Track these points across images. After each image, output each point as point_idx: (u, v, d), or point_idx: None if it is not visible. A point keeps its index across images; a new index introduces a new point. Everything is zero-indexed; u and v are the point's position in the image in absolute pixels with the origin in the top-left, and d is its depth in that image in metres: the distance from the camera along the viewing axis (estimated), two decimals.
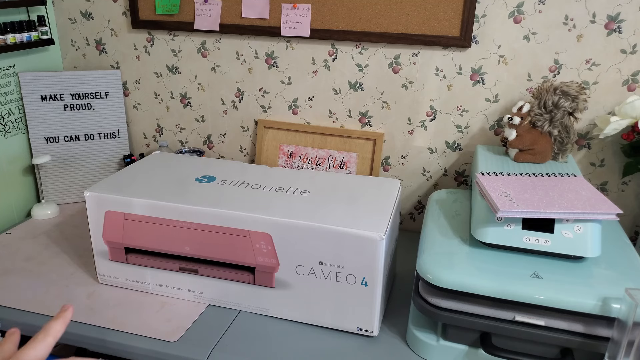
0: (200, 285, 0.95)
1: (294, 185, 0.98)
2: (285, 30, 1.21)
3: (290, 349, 0.86)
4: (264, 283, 0.90)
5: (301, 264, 0.86)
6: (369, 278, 0.83)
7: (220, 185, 0.97)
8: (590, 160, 1.12)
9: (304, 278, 0.87)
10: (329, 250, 0.83)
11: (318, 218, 0.85)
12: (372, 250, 0.81)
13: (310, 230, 0.83)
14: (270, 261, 0.88)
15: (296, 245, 0.85)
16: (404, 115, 1.21)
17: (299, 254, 0.85)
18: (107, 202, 0.94)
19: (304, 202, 0.91)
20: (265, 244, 0.87)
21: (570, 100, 0.97)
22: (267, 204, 0.90)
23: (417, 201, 1.28)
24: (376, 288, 0.84)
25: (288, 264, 0.87)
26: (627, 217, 1.12)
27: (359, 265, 0.83)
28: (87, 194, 0.94)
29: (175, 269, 0.95)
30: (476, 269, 0.79)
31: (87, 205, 0.95)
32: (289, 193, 0.95)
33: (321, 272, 0.85)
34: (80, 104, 1.35)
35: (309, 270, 0.86)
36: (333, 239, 0.83)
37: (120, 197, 0.93)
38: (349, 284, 0.85)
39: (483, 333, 0.79)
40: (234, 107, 1.35)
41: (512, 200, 0.80)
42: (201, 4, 1.25)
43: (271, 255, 0.87)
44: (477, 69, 1.12)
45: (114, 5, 1.34)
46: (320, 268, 0.85)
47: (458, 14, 1.08)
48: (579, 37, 1.04)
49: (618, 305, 0.70)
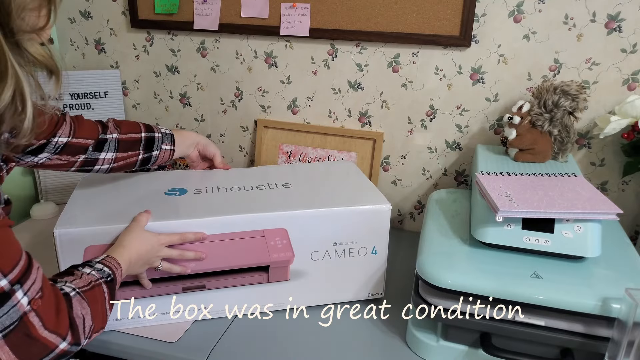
0: (209, 299, 0.90)
1: (269, 180, 1.00)
2: (284, 29, 1.20)
3: (291, 347, 0.86)
4: (279, 278, 0.91)
5: (316, 250, 0.90)
6: (379, 246, 0.92)
7: (199, 195, 0.93)
8: (591, 159, 1.12)
9: (319, 263, 0.91)
10: (343, 229, 0.90)
11: (327, 203, 0.90)
12: (381, 220, 0.91)
13: (326, 215, 0.88)
14: (285, 255, 0.89)
15: (311, 233, 0.89)
16: (404, 115, 1.21)
17: (314, 240, 0.89)
18: (85, 237, 0.81)
19: (297, 193, 0.94)
20: (281, 239, 0.88)
21: (570, 100, 0.97)
22: (267, 200, 0.91)
23: (417, 201, 1.28)
24: (384, 253, 0.93)
25: (303, 253, 0.90)
26: (627, 216, 1.12)
27: (369, 237, 0.91)
28: (57, 232, 0.80)
29: (178, 290, 0.88)
30: (476, 269, 0.79)
31: (58, 246, 0.81)
32: (274, 188, 0.96)
33: (335, 252, 0.91)
34: (80, 104, 1.35)
35: (324, 254, 0.91)
36: (348, 219, 0.89)
37: (102, 227, 0.81)
38: (361, 256, 0.92)
39: (483, 333, 0.79)
40: (234, 106, 1.35)
41: (512, 200, 0.80)
42: (200, 4, 1.25)
43: (286, 249, 0.89)
44: (477, 69, 1.12)
45: (113, 4, 1.33)
46: (335, 249, 0.91)
47: (458, 13, 1.08)
48: (579, 36, 1.04)
49: (618, 305, 0.70)
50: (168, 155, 0.99)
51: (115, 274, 0.72)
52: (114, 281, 0.71)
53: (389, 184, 1.28)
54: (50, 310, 0.57)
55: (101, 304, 0.66)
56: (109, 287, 0.69)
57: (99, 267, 0.71)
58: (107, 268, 0.71)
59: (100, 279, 0.68)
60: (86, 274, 0.67)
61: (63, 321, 0.58)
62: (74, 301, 0.61)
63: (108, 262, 0.73)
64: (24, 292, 0.54)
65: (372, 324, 0.92)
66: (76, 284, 0.65)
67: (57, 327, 0.57)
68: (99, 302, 0.66)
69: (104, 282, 0.69)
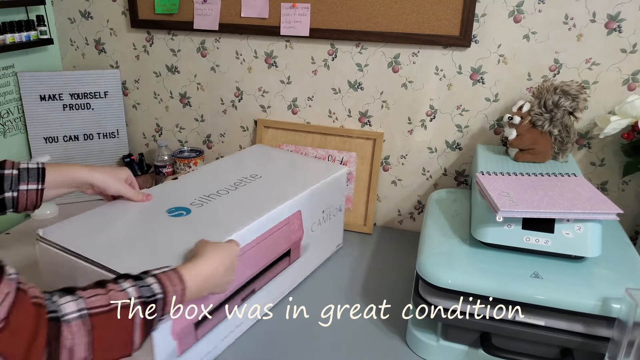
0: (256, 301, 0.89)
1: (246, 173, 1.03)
2: (284, 29, 1.20)
3: (291, 347, 0.86)
4: (296, 257, 0.98)
5: (315, 221, 1.01)
6: (342, 203, 1.11)
7: (205, 208, 0.87)
8: (591, 159, 1.12)
9: (316, 232, 1.02)
10: (329, 198, 1.05)
11: (314, 180, 1.00)
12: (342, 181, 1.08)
13: (320, 189, 1.00)
14: (299, 233, 0.97)
15: (315, 208, 1.00)
16: (404, 115, 1.21)
17: (314, 213, 1.00)
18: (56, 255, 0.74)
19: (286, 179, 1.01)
20: (297, 220, 0.95)
21: (570, 100, 0.97)
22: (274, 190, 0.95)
23: (417, 201, 1.28)
24: (343, 208, 1.12)
25: (308, 228, 0.99)
26: (627, 216, 1.12)
27: (337, 198, 1.08)
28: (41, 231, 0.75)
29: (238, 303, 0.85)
30: (476, 269, 0.79)
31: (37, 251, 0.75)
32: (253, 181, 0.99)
33: (322, 218, 1.04)
34: (80, 104, 1.35)
35: (318, 222, 1.02)
36: (332, 188, 1.04)
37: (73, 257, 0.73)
38: (333, 215, 1.08)
39: (483, 333, 0.79)
40: (234, 106, 1.35)
41: (512, 200, 0.80)
42: (200, 4, 1.25)
43: (299, 227, 0.96)
44: (477, 69, 1.12)
45: (113, 4, 1.34)
46: (323, 215, 1.04)
47: (458, 13, 1.08)
48: (579, 36, 1.04)
49: (618, 305, 0.70)
50: (34, 197, 0.78)
51: (167, 293, 0.60)
52: (159, 302, 0.59)
53: (389, 184, 1.28)
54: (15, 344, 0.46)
55: (117, 332, 0.55)
56: (144, 310, 0.57)
57: (147, 282, 0.59)
58: (159, 284, 0.59)
59: (137, 298, 0.57)
60: (117, 290, 0.56)
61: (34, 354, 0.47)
62: (64, 329, 0.49)
63: (164, 277, 0.61)
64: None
65: (372, 324, 0.92)
66: (92, 302, 0.53)
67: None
68: (113, 329, 0.54)
69: (141, 302, 0.57)
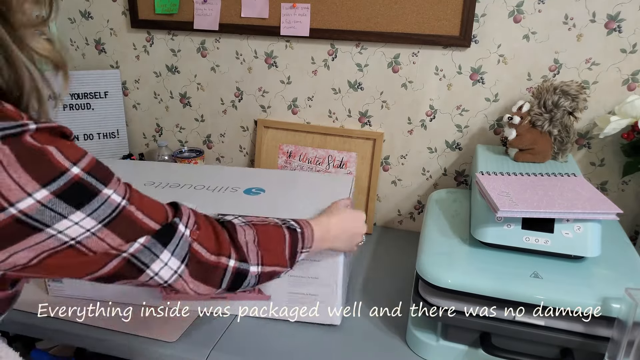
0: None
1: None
2: (284, 29, 1.20)
3: (291, 347, 0.86)
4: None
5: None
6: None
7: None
8: (590, 159, 1.12)
9: None
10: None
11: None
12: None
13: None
14: None
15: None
16: (404, 115, 1.21)
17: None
18: None
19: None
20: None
21: (570, 100, 0.97)
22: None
23: (417, 201, 1.28)
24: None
25: None
26: (627, 216, 1.12)
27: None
28: None
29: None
30: (476, 269, 0.79)
31: None
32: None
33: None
34: (80, 104, 1.35)
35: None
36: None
37: None
38: None
39: (483, 333, 0.79)
40: (234, 106, 1.35)
41: (512, 200, 0.80)
42: (200, 4, 1.25)
43: None
44: (476, 69, 1.12)
45: (113, 4, 1.34)
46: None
47: (458, 13, 1.08)
48: (579, 36, 1.04)
49: (618, 305, 0.70)
50: None
51: (304, 229, 0.73)
52: (298, 233, 0.72)
53: (389, 184, 1.28)
54: (209, 237, 0.61)
55: (276, 241, 0.69)
56: (291, 234, 0.71)
57: (286, 220, 0.73)
58: (296, 223, 0.73)
59: (282, 224, 0.71)
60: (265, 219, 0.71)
61: (224, 244, 0.62)
62: (238, 227, 0.65)
63: (301, 221, 0.75)
64: (184, 224, 0.58)
65: (372, 324, 0.92)
66: (250, 219, 0.69)
67: (219, 249, 0.61)
68: (273, 238, 0.68)
69: (287, 227, 0.71)
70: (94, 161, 0.52)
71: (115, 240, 0.51)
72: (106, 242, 0.51)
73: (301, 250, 0.72)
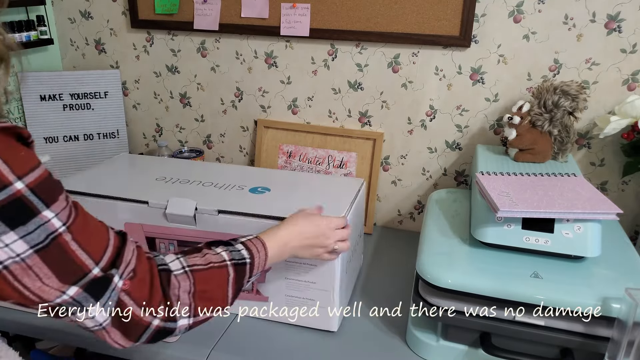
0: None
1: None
2: (284, 29, 1.20)
3: (291, 347, 0.86)
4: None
5: None
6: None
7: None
8: (590, 159, 1.12)
9: None
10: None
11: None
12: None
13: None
14: None
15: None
16: (404, 115, 1.21)
17: None
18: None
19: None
20: None
21: (570, 100, 0.97)
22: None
23: (417, 201, 1.28)
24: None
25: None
26: (627, 216, 1.12)
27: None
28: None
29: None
30: (476, 269, 0.79)
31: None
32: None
33: None
34: (80, 104, 1.35)
35: None
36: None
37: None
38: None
39: (483, 333, 0.79)
40: (234, 106, 1.35)
41: (512, 200, 0.80)
42: (200, 4, 1.25)
43: None
44: (476, 69, 1.12)
45: (114, 5, 1.34)
46: None
47: (458, 13, 1.08)
48: (579, 36, 1.04)
49: (618, 305, 0.70)
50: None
51: (254, 257, 0.69)
52: (247, 265, 0.68)
53: (389, 184, 1.28)
54: (141, 288, 0.56)
55: (216, 287, 0.64)
56: (236, 271, 0.66)
57: (237, 248, 0.68)
58: (247, 250, 0.69)
59: (229, 261, 0.66)
60: (213, 254, 0.65)
61: (155, 297, 0.57)
62: (173, 279, 0.60)
63: (250, 244, 0.70)
64: (120, 275, 0.54)
65: (372, 324, 0.92)
66: (193, 261, 0.63)
67: (148, 304, 0.57)
68: (212, 284, 0.63)
69: (233, 264, 0.66)
70: (43, 176, 0.48)
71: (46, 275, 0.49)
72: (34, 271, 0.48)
73: (248, 280, 0.69)
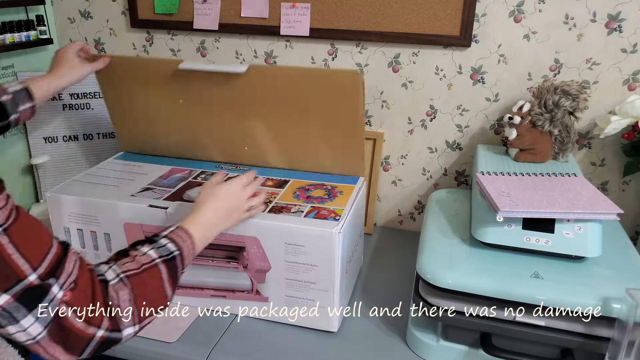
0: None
1: None
2: (284, 29, 1.20)
3: (291, 347, 0.85)
4: None
5: None
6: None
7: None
8: (591, 159, 1.12)
9: None
10: None
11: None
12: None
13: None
14: None
15: None
16: (404, 115, 1.21)
17: None
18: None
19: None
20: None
21: (570, 100, 0.97)
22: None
23: (417, 201, 1.28)
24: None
25: None
26: (628, 216, 1.12)
27: None
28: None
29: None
30: (476, 269, 0.79)
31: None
32: None
33: None
34: (79, 104, 1.34)
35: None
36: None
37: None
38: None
39: (483, 333, 0.79)
40: None
41: (512, 200, 0.80)
42: (200, 3, 1.24)
43: None
44: (477, 69, 1.12)
45: (113, 4, 1.33)
46: None
47: (458, 13, 1.08)
48: (580, 36, 1.03)
49: (618, 306, 0.70)
50: (29, 113, 0.93)
51: (181, 248, 0.68)
52: (177, 258, 0.67)
53: (389, 184, 1.28)
54: (82, 300, 0.55)
55: (153, 287, 0.63)
56: (168, 266, 0.65)
57: (162, 243, 0.67)
58: (172, 243, 0.68)
59: (158, 259, 0.65)
60: (141, 255, 0.64)
61: (98, 308, 0.56)
62: (111, 288, 0.58)
63: (175, 236, 0.69)
64: (60, 286, 0.52)
65: (372, 324, 0.92)
66: (126, 267, 0.62)
67: (90, 316, 0.55)
68: (149, 285, 0.62)
69: (163, 261, 0.65)
70: None
71: None
72: None
73: (182, 271, 0.69)
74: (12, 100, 0.89)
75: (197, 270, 0.92)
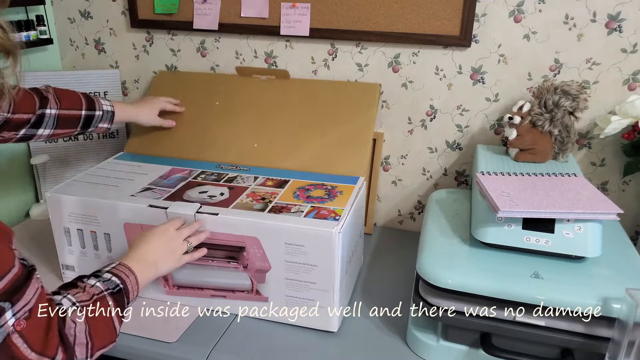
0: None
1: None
2: (284, 29, 1.20)
3: (291, 347, 0.85)
4: None
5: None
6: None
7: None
8: (591, 159, 1.12)
9: None
10: None
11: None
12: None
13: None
14: None
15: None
16: (404, 115, 1.21)
17: None
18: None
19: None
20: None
21: (570, 100, 0.97)
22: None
23: (417, 201, 1.28)
24: None
25: None
26: (628, 216, 1.12)
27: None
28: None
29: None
30: (476, 269, 0.79)
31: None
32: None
33: None
34: None
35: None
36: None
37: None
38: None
39: (483, 333, 0.79)
40: None
41: (512, 200, 0.80)
42: (200, 3, 1.24)
43: None
44: (477, 68, 1.12)
45: (113, 4, 1.33)
46: None
47: (458, 13, 1.08)
48: (580, 36, 1.03)
49: (619, 306, 0.70)
50: (103, 131, 1.05)
51: (125, 282, 0.69)
52: (123, 291, 0.68)
53: (389, 184, 1.28)
54: (37, 331, 0.53)
55: (103, 319, 0.63)
56: (115, 299, 0.66)
57: (106, 277, 0.68)
58: (116, 277, 0.69)
59: (105, 291, 0.66)
60: (89, 286, 0.65)
61: (52, 341, 0.55)
62: (68, 319, 0.58)
63: (117, 271, 0.70)
64: (14, 313, 0.51)
65: (372, 324, 0.92)
66: (78, 297, 0.62)
67: (44, 348, 0.54)
68: (100, 317, 0.63)
69: (110, 293, 0.66)
70: None
71: None
72: None
73: (127, 307, 0.69)
74: (100, 117, 1.00)
75: (197, 270, 0.92)
